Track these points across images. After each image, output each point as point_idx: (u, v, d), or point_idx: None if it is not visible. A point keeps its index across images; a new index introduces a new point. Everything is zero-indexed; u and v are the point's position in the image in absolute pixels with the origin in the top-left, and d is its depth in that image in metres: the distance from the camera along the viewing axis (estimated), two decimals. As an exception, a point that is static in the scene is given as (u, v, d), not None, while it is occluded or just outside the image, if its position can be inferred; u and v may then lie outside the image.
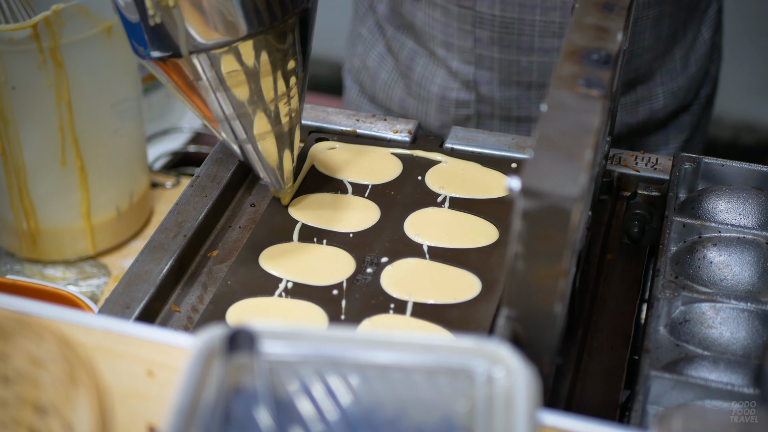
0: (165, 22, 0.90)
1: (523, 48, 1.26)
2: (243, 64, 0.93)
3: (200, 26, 0.90)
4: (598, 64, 0.81)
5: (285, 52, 0.95)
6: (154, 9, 0.89)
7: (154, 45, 0.92)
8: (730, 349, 0.88)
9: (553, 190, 0.70)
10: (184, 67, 0.93)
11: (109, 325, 0.76)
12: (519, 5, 1.23)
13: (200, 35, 0.91)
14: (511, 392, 0.65)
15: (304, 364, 0.67)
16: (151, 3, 0.89)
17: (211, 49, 0.91)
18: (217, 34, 0.91)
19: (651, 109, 1.33)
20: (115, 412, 0.70)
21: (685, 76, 1.35)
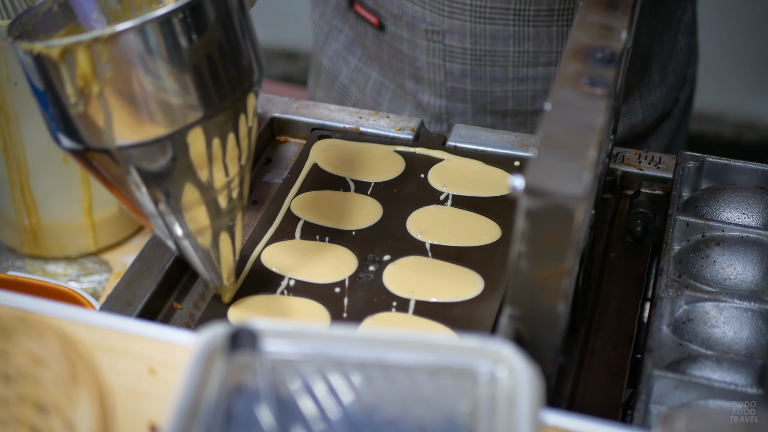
0: (89, 111, 0.80)
1: (497, 78, 1.24)
2: (178, 155, 0.83)
3: (130, 117, 0.80)
4: (602, 63, 0.81)
5: (225, 140, 0.84)
6: (77, 97, 0.79)
7: (74, 136, 0.82)
8: (734, 348, 0.88)
9: (557, 189, 0.70)
10: (109, 161, 0.83)
11: (111, 323, 0.76)
12: (490, 38, 1.21)
13: (130, 127, 0.80)
14: (514, 392, 0.65)
15: (307, 363, 0.66)
16: (73, 90, 0.79)
17: (143, 144, 0.81)
18: (151, 126, 0.80)
19: (630, 124, 1.32)
20: (117, 411, 0.70)
21: (664, 87, 1.34)
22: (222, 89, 0.82)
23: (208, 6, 0.80)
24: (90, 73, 0.78)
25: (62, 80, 0.79)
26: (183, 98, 0.80)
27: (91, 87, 0.78)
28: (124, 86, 0.78)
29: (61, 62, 0.78)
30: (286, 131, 1.18)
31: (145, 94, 0.79)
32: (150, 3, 0.92)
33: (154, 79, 0.79)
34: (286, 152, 1.16)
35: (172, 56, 0.79)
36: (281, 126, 1.17)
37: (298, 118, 1.17)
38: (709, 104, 2.63)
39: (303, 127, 1.17)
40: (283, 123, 1.17)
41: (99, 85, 0.78)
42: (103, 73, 0.78)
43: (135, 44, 0.77)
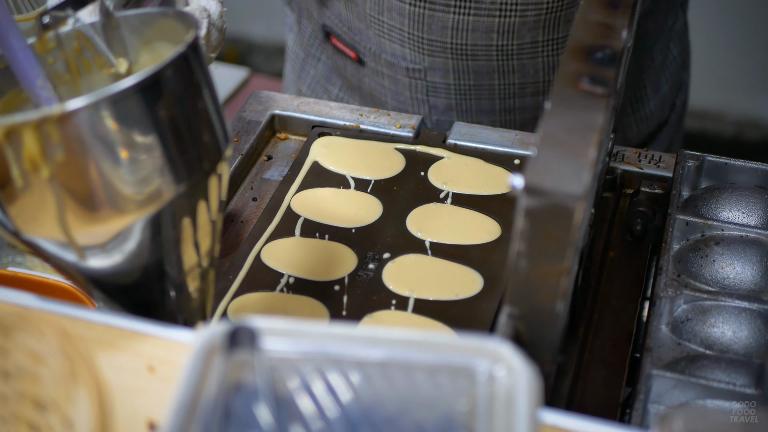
0: (34, 196, 0.71)
1: (483, 111, 1.23)
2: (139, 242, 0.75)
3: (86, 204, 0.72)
4: (602, 62, 0.81)
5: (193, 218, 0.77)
6: (23, 180, 0.71)
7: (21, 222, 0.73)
8: (732, 348, 0.88)
9: (557, 188, 0.70)
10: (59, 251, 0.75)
11: (110, 320, 0.76)
12: (474, 73, 1.19)
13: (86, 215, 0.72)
14: (512, 391, 0.65)
15: (305, 361, 0.66)
16: (20, 173, 0.70)
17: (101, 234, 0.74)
18: (109, 214, 0.72)
19: (624, 138, 1.32)
20: (116, 408, 0.70)
21: (658, 98, 1.33)
22: (190, 165, 0.75)
23: (170, 77, 0.73)
24: (39, 155, 0.69)
25: (7, 162, 0.70)
26: (144, 180, 0.72)
27: (41, 171, 0.70)
28: (79, 169, 0.70)
29: (6, 143, 0.69)
30: (287, 128, 1.18)
31: (102, 177, 0.71)
32: (101, 67, 0.84)
33: (111, 161, 0.71)
34: (286, 149, 1.16)
35: (133, 133, 0.71)
36: (282, 123, 1.18)
37: (299, 115, 1.17)
38: (709, 102, 2.63)
39: (303, 124, 1.17)
40: (284, 120, 1.17)
41: (49, 168, 0.70)
42: (53, 156, 0.69)
43: (90, 123, 0.70)
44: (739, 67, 2.58)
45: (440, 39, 1.17)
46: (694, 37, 1.42)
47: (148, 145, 0.72)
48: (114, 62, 0.84)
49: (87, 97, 0.69)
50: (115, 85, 0.70)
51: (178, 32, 0.80)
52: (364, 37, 1.22)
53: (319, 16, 1.27)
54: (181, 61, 0.73)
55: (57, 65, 0.83)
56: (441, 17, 1.15)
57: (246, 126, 1.14)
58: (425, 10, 1.15)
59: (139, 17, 0.83)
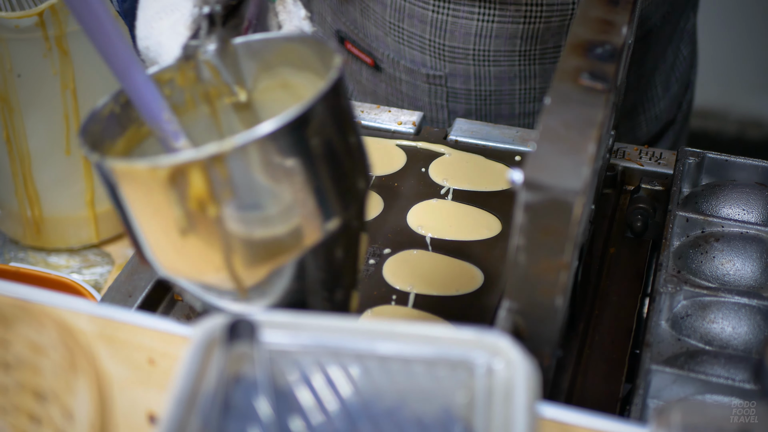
0: (203, 238, 0.69)
1: (503, 115, 1.22)
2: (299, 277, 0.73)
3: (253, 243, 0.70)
4: (602, 58, 0.81)
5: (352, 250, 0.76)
6: (187, 221, 0.68)
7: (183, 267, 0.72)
8: (732, 344, 0.88)
9: (556, 183, 0.70)
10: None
11: (111, 314, 0.76)
12: (495, 78, 1.18)
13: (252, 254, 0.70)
14: (510, 384, 0.65)
15: (305, 354, 0.67)
16: (184, 213, 0.68)
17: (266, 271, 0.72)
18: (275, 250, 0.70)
19: (634, 137, 1.32)
20: (116, 400, 0.70)
21: (667, 98, 1.33)
22: (349, 193, 0.73)
23: (331, 103, 0.70)
24: (206, 194, 0.67)
25: (170, 202, 0.67)
26: (314, 210, 0.70)
27: (207, 209, 0.68)
28: (246, 205, 0.68)
29: (171, 183, 0.67)
30: (288, 125, 1.18)
31: (272, 211, 0.69)
32: (218, 96, 0.82)
33: (278, 194, 0.69)
34: (287, 146, 1.16)
35: (298, 163, 0.68)
36: (283, 119, 1.17)
37: (300, 111, 1.17)
38: (712, 101, 2.63)
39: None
40: (285, 116, 1.17)
41: (216, 206, 0.67)
42: (220, 194, 0.67)
43: (260, 156, 0.67)
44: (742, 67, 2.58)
45: (462, 46, 1.16)
46: (698, 37, 1.42)
47: (311, 177, 0.69)
48: (235, 90, 0.81)
49: (255, 131, 0.66)
50: (284, 115, 0.67)
51: (302, 56, 0.78)
52: (381, 43, 1.21)
53: (333, 21, 1.27)
54: (338, 85, 0.71)
55: (174, 97, 0.80)
56: (464, 24, 1.14)
57: (248, 122, 1.15)
58: (448, 17, 1.14)
59: (260, 42, 0.80)
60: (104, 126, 0.76)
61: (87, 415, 0.63)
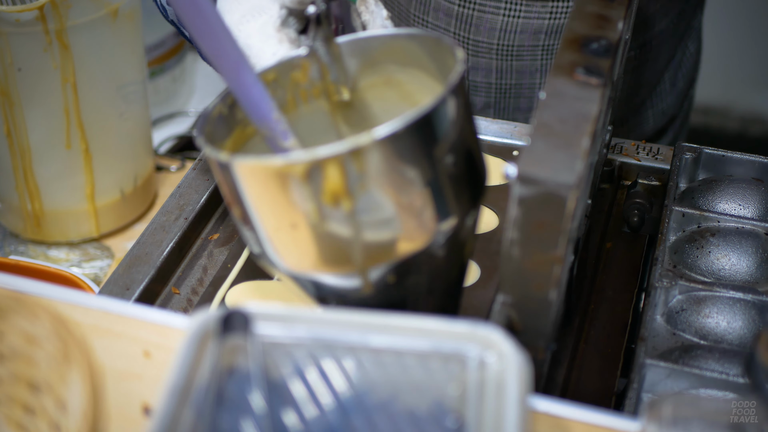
0: (335, 232, 0.71)
1: (521, 108, 1.23)
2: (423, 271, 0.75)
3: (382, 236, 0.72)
4: (598, 53, 0.81)
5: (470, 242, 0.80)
6: (319, 216, 0.70)
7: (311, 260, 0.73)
8: (727, 338, 0.88)
9: (550, 177, 0.70)
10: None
11: (107, 306, 0.77)
12: (517, 72, 1.19)
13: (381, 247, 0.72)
14: (502, 377, 0.65)
15: (298, 347, 0.67)
16: (316, 208, 0.70)
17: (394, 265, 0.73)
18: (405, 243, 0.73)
19: (641, 132, 1.32)
20: (111, 392, 0.71)
21: (674, 94, 1.34)
22: (474, 189, 0.77)
23: (457, 98, 0.73)
24: (341, 188, 0.69)
25: (304, 197, 0.69)
26: (443, 204, 0.73)
27: (341, 204, 0.69)
28: (378, 198, 0.70)
29: (306, 178, 0.69)
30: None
31: (399, 206, 0.70)
32: (319, 95, 0.83)
33: (412, 188, 0.71)
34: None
35: (434, 157, 0.71)
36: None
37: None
38: (714, 98, 2.63)
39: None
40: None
41: (350, 200, 0.69)
42: (354, 187, 0.69)
43: (394, 150, 0.69)
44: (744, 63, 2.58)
45: (487, 40, 1.17)
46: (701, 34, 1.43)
47: (441, 170, 0.72)
48: (340, 89, 0.83)
49: (393, 123, 0.68)
50: (419, 108, 0.69)
51: (409, 52, 0.79)
52: None
53: None
54: (463, 78, 0.73)
55: (276, 97, 0.81)
56: (490, 19, 1.15)
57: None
58: (474, 11, 1.15)
59: (365, 40, 0.82)
60: (214, 127, 0.77)
61: (80, 405, 0.63)
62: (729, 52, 2.53)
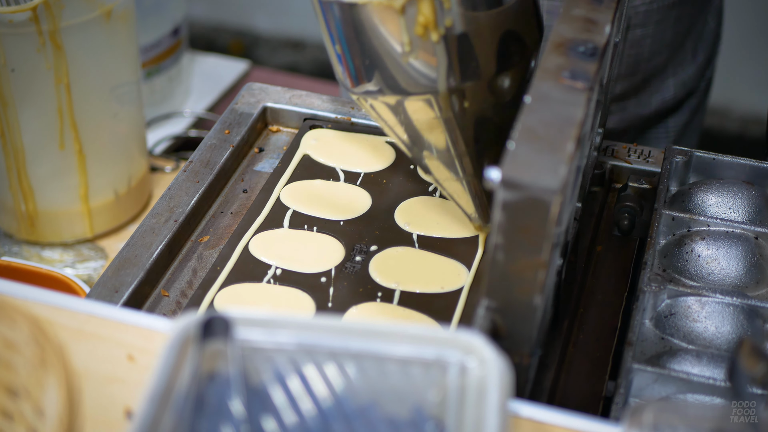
0: (426, 58, 0.85)
1: None
2: (498, 95, 0.90)
3: (469, 60, 0.85)
4: (584, 57, 0.81)
5: (522, 85, 0.91)
6: (411, 46, 0.84)
7: (401, 83, 0.87)
8: (715, 343, 0.88)
9: (533, 182, 0.70)
10: (430, 105, 0.88)
11: (91, 309, 0.76)
12: None
13: (469, 69, 0.86)
14: (483, 383, 0.65)
15: (279, 352, 0.67)
16: (409, 39, 0.84)
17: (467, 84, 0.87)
18: (486, 66, 0.87)
19: (662, 100, 1.33)
20: (94, 396, 0.71)
21: (694, 65, 1.36)
22: (537, 33, 0.90)
23: None
24: (432, 21, 0.82)
25: (399, 30, 0.83)
26: (520, 36, 0.87)
27: (430, 35, 0.83)
28: (467, 28, 0.84)
29: (402, 13, 0.82)
30: (279, 121, 1.18)
31: (486, 34, 0.85)
32: None
33: (489, 18, 0.84)
34: (277, 142, 1.17)
35: None
36: (274, 115, 1.18)
37: (290, 107, 1.17)
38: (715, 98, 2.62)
39: (295, 117, 1.17)
40: (276, 112, 1.18)
41: (439, 32, 0.83)
42: (443, 20, 0.82)
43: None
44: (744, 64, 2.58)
45: None
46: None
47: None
48: None
49: None
50: None
51: None
52: None
53: None
54: None
55: None
56: None
57: (238, 118, 1.15)
58: None
59: None
60: None
61: (56, 411, 0.63)
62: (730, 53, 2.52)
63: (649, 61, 1.29)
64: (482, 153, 0.92)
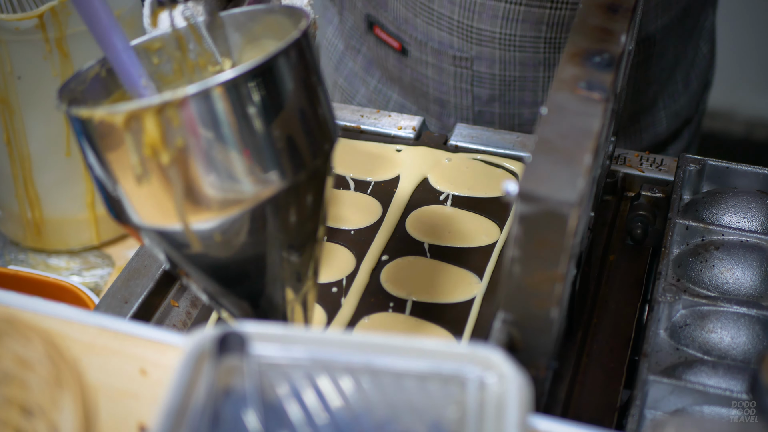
0: (157, 185, 0.71)
1: (526, 102, 1.22)
2: (252, 230, 0.74)
3: (205, 191, 0.71)
4: (600, 67, 0.80)
5: (304, 208, 0.77)
6: (142, 168, 0.71)
7: (140, 213, 0.73)
8: (731, 354, 0.87)
9: (551, 194, 0.70)
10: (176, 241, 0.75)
11: (103, 323, 0.76)
12: (520, 64, 1.19)
13: (204, 203, 0.72)
14: (502, 398, 0.64)
15: (295, 367, 0.66)
16: (138, 160, 0.70)
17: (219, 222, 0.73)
18: (229, 200, 0.72)
19: (655, 133, 1.32)
20: (106, 411, 0.70)
21: (687, 95, 1.33)
22: (304, 153, 0.74)
23: (285, 62, 0.72)
24: (159, 140, 0.70)
25: (126, 149, 0.70)
26: (264, 166, 0.72)
27: (160, 156, 0.70)
28: (200, 155, 0.70)
29: (126, 129, 0.70)
30: (288, 128, 1.17)
31: (222, 163, 0.71)
32: (205, 66, 0.84)
33: (231, 147, 0.71)
34: (287, 149, 1.16)
35: (254, 118, 0.71)
36: (283, 123, 1.17)
37: (300, 115, 1.16)
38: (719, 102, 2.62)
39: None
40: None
41: (169, 154, 0.70)
42: (173, 141, 0.70)
43: (213, 107, 0.70)
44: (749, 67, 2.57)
45: (489, 28, 1.17)
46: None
47: (263, 132, 0.71)
48: (219, 60, 0.84)
49: (204, 83, 0.69)
50: (238, 68, 0.70)
51: (285, 28, 0.79)
52: (410, 26, 1.22)
53: (363, 6, 1.27)
54: (297, 47, 0.73)
55: (161, 66, 0.83)
56: (492, 5, 1.14)
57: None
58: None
59: (245, 15, 0.83)
60: (88, 87, 0.79)
61: (71, 430, 0.62)
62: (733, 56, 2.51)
63: (635, 100, 1.26)
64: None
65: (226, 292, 0.78)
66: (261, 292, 0.78)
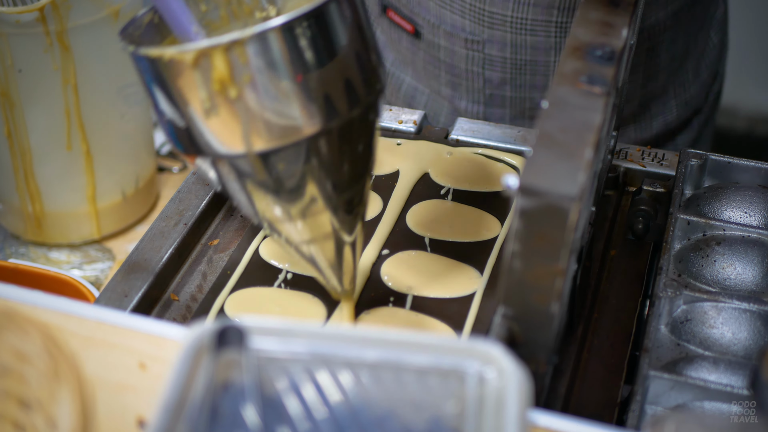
0: (226, 118, 0.77)
1: (537, 86, 1.22)
2: (311, 160, 0.79)
3: (270, 121, 0.76)
4: (601, 61, 0.80)
5: (357, 145, 0.82)
6: (210, 102, 0.76)
7: (206, 143, 0.78)
8: (732, 349, 0.87)
9: (552, 188, 0.69)
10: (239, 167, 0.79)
11: (102, 316, 0.76)
12: (531, 48, 1.19)
13: (269, 132, 0.77)
14: (502, 393, 0.64)
15: (294, 361, 0.66)
16: (208, 95, 0.75)
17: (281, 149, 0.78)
18: (290, 129, 0.77)
19: (665, 122, 1.31)
20: (105, 405, 0.70)
21: (697, 84, 1.33)
22: (358, 90, 0.79)
23: (339, 4, 0.77)
24: (227, 77, 0.75)
25: (196, 86, 0.75)
26: (321, 99, 0.77)
27: (229, 91, 0.75)
28: (265, 89, 0.75)
29: (195, 67, 0.74)
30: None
31: (285, 96, 0.75)
32: (251, 12, 0.88)
33: (292, 82, 0.75)
34: (288, 143, 1.15)
35: (312, 56, 0.76)
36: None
37: (301, 109, 1.16)
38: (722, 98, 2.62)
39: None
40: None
41: (237, 89, 0.75)
42: (240, 77, 0.75)
43: (276, 46, 0.74)
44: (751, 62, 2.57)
45: (501, 12, 1.17)
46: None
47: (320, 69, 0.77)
48: (266, 5, 0.88)
49: (266, 24, 0.74)
50: (296, 11, 0.75)
51: None
52: (423, 8, 1.22)
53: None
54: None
55: (209, 13, 0.88)
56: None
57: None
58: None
59: None
60: (143, 32, 0.84)
61: (69, 422, 0.62)
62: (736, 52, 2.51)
63: (644, 87, 1.26)
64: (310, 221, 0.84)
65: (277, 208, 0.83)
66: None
